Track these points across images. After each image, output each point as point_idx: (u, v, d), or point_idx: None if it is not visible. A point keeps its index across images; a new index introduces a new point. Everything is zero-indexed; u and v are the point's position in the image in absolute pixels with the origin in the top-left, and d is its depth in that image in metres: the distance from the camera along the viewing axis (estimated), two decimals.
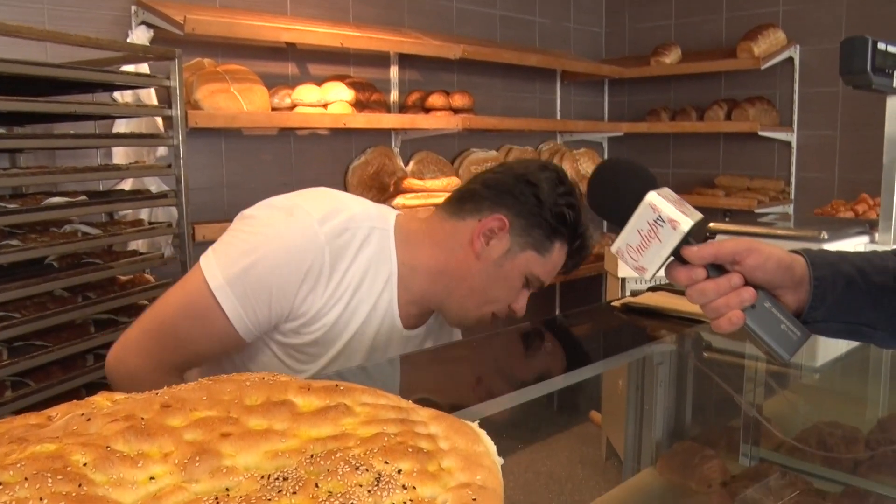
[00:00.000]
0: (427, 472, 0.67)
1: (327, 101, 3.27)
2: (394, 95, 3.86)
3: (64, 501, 0.62)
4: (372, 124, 3.43)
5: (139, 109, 2.63)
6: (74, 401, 0.82)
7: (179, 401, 0.76)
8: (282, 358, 1.51)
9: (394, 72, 3.86)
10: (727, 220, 2.29)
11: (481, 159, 4.12)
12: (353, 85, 3.43)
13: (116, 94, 2.79)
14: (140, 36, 2.89)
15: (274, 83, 3.28)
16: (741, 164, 4.56)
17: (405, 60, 3.87)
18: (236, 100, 2.94)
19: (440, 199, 3.45)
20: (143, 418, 0.72)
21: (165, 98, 2.65)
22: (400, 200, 3.38)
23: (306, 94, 3.22)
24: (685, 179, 4.72)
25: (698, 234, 1.03)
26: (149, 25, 2.92)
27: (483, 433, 0.76)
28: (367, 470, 0.66)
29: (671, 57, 4.53)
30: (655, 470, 1.62)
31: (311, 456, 0.69)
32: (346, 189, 3.66)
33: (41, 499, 0.62)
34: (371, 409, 0.78)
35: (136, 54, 2.61)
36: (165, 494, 0.65)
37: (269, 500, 0.63)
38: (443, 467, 0.69)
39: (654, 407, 1.69)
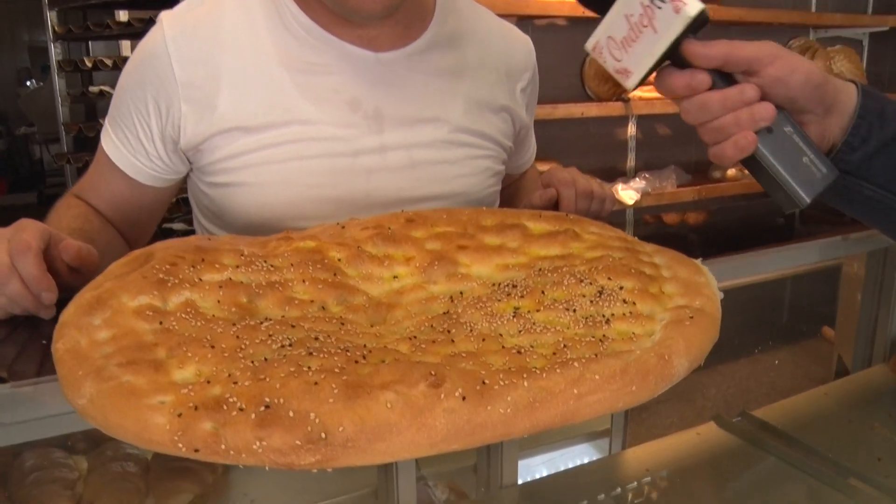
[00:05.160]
0: (648, 292, 0.70)
1: None
2: None
3: (321, 285, 0.71)
4: None
5: None
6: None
7: (422, 217, 0.83)
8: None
9: None
10: None
11: None
12: None
13: None
14: None
15: None
16: None
17: None
18: None
19: None
20: (390, 228, 0.80)
21: None
22: (637, 92, 3.33)
23: None
24: None
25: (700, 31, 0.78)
26: None
27: (706, 268, 0.77)
28: (590, 283, 0.71)
29: None
30: (887, 367, 1.55)
31: (540, 270, 0.74)
32: (581, 81, 3.64)
33: (303, 280, 0.72)
34: (598, 237, 0.81)
35: None
36: (406, 291, 0.73)
37: (499, 300, 0.69)
38: (664, 291, 0.72)
39: (892, 305, 1.60)
